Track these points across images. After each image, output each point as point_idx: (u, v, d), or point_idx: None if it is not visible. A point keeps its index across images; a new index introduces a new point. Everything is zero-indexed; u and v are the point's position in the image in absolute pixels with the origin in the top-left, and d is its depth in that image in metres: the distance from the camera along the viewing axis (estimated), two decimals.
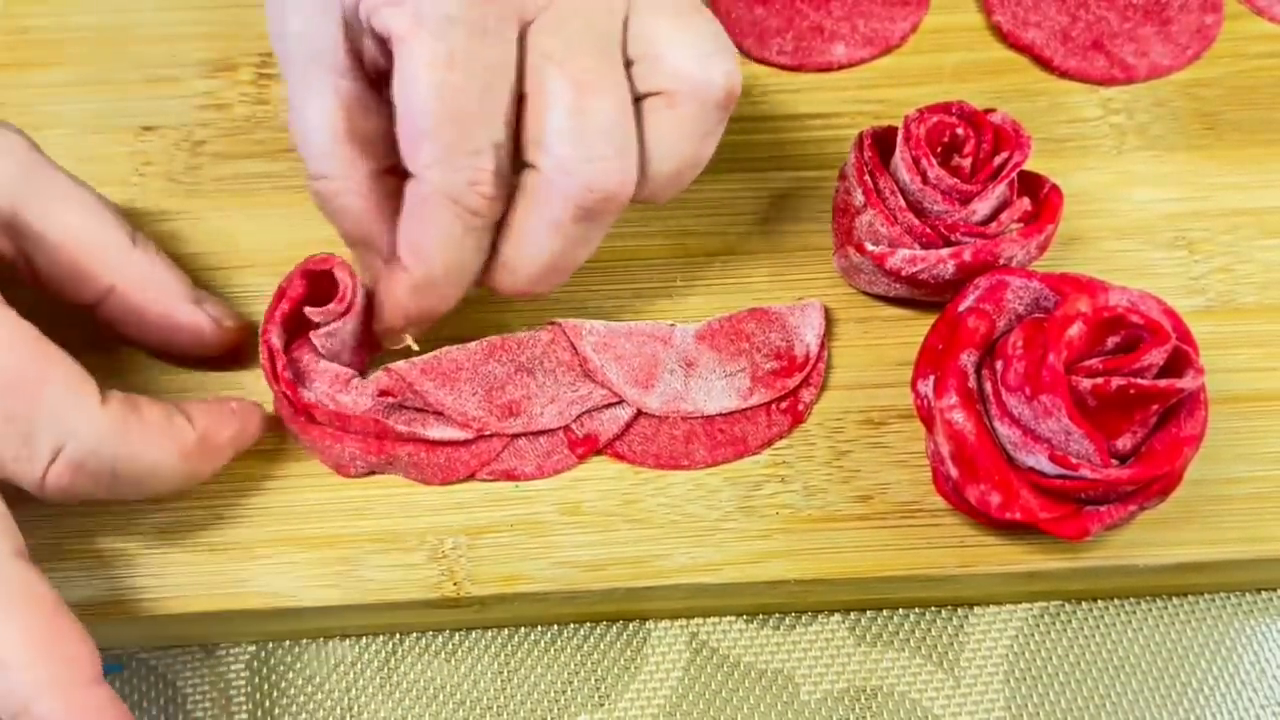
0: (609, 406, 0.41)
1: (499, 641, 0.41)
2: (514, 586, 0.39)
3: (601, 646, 0.41)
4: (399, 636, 0.41)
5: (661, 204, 0.40)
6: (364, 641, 0.41)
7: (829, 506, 0.40)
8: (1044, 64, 0.50)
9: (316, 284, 0.40)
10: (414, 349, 0.40)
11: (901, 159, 0.41)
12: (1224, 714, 0.40)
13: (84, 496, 0.36)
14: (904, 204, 0.41)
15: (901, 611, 0.41)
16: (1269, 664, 0.40)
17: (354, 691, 0.40)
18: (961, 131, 0.41)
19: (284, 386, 0.39)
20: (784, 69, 0.50)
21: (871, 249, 0.41)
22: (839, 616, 0.41)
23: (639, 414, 0.41)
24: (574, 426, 0.41)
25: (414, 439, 0.40)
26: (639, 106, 0.38)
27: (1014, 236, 0.41)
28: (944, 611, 0.41)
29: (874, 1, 0.51)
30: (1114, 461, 0.37)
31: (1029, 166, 0.42)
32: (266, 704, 0.40)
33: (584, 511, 0.40)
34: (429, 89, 0.36)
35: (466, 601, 0.39)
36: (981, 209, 0.41)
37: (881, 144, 0.43)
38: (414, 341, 0.40)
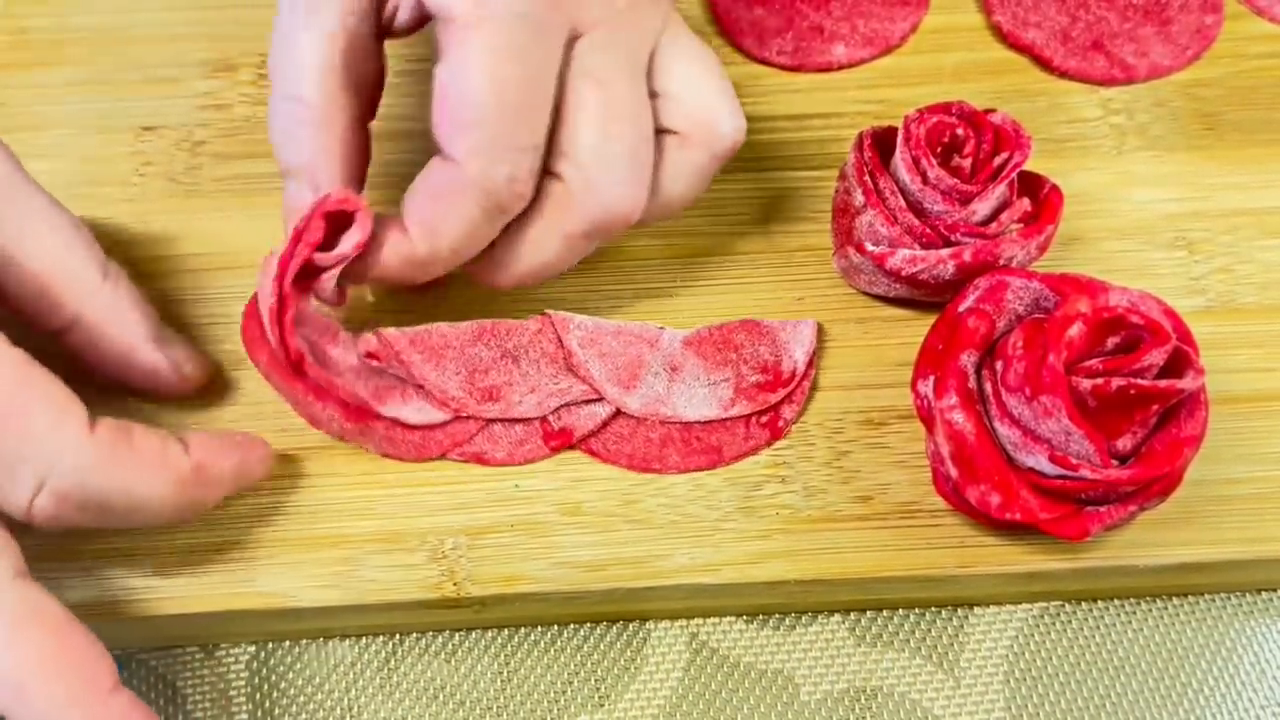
0: (588, 403, 0.41)
1: (499, 642, 0.41)
2: (514, 587, 0.39)
3: (601, 647, 0.41)
4: (399, 636, 0.41)
5: (646, 226, 0.41)
6: (364, 641, 0.41)
7: (829, 507, 0.40)
8: (1044, 64, 0.50)
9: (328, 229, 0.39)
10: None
11: (901, 159, 0.41)
12: (1224, 714, 0.40)
13: (74, 525, 0.35)
14: (904, 204, 0.41)
15: (901, 612, 0.41)
16: (1269, 664, 0.40)
17: (354, 691, 0.40)
18: (961, 132, 0.41)
19: (285, 334, 0.38)
20: (784, 69, 0.50)
21: (871, 249, 0.41)
22: (839, 617, 0.41)
23: (617, 413, 0.41)
24: (551, 418, 0.41)
25: (393, 420, 0.40)
26: (655, 139, 0.39)
27: (1014, 237, 0.41)
28: (944, 612, 0.41)
29: (874, 1, 0.51)
30: (1114, 462, 0.37)
31: (1029, 167, 0.42)
32: (266, 704, 0.40)
33: (584, 512, 0.40)
34: (485, 80, 0.36)
35: (466, 602, 0.39)
36: (981, 209, 0.41)
37: (881, 144, 0.43)
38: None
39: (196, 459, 0.36)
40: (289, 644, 0.41)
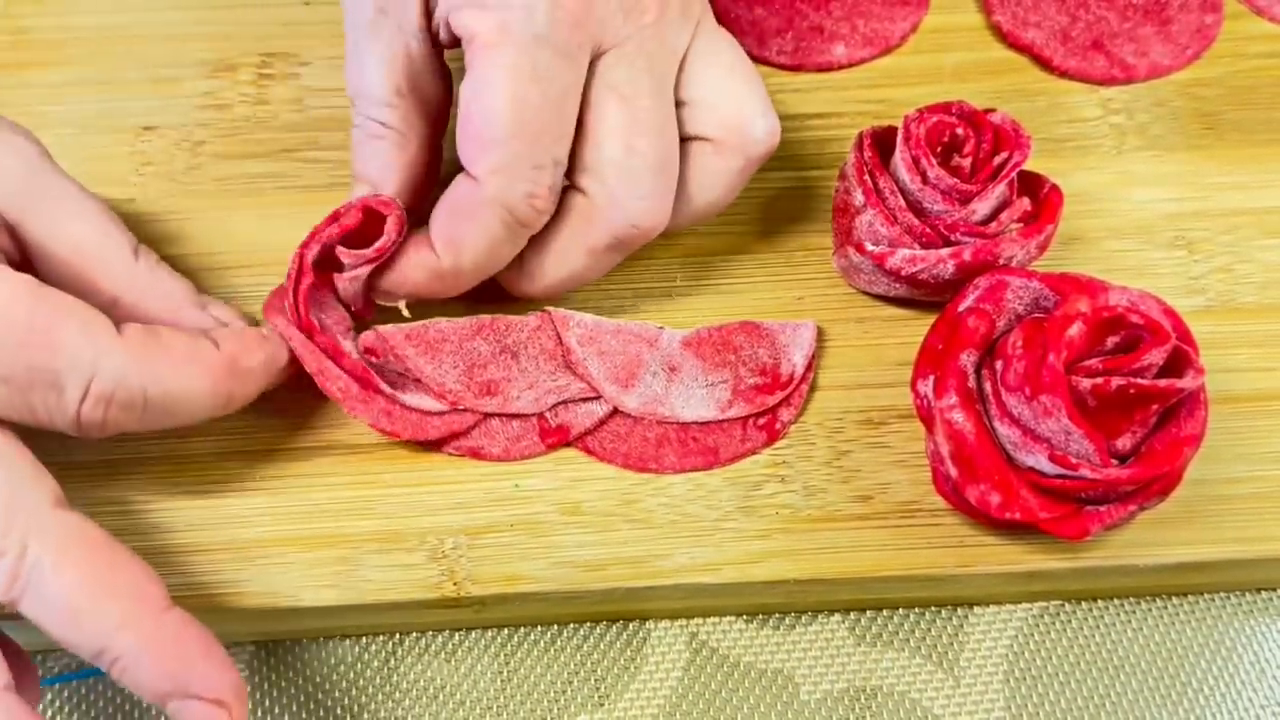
0: (586, 400, 0.41)
1: (499, 641, 0.41)
2: (514, 586, 0.39)
3: (601, 646, 0.41)
4: (399, 636, 0.41)
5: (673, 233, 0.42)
6: (364, 641, 0.41)
7: (829, 506, 0.40)
8: (1044, 64, 0.50)
9: (364, 224, 0.40)
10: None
11: (901, 159, 0.41)
12: (1224, 714, 0.40)
13: (121, 429, 0.36)
14: (904, 204, 0.41)
15: (901, 611, 0.41)
16: (1269, 664, 0.40)
17: (354, 691, 0.40)
18: (961, 131, 0.41)
19: (300, 299, 0.39)
20: (784, 69, 0.50)
21: (871, 249, 0.41)
22: (839, 616, 0.41)
23: (615, 412, 0.41)
24: (548, 415, 0.41)
25: (392, 399, 0.40)
26: (684, 147, 0.40)
27: (1014, 236, 0.41)
28: (944, 611, 0.41)
29: (874, 1, 0.51)
30: (1114, 461, 0.37)
31: (1029, 166, 0.42)
32: (266, 704, 0.40)
33: (584, 511, 0.40)
34: (506, 99, 0.37)
35: (466, 601, 0.39)
36: (981, 209, 0.41)
37: (881, 144, 0.43)
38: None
39: (228, 351, 0.37)
40: (289, 644, 0.41)
